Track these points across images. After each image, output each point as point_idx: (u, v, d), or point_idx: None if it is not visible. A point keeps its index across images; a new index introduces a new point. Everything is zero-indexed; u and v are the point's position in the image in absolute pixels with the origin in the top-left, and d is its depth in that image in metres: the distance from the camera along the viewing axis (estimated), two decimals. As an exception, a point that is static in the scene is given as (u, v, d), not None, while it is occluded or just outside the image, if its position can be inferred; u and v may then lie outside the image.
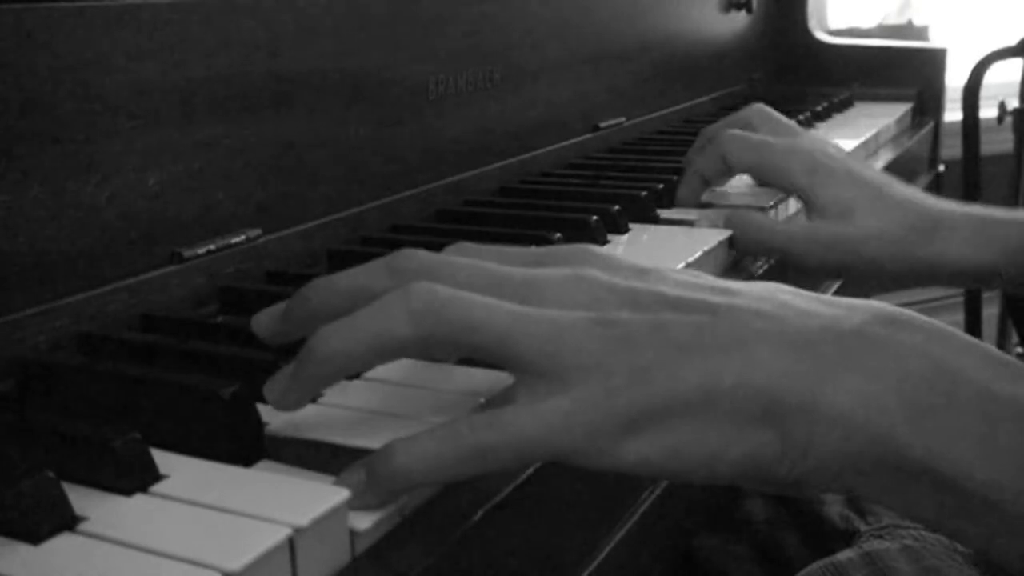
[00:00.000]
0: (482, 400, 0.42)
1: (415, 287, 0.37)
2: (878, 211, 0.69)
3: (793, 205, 0.80)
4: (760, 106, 0.82)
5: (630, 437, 0.35)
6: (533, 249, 0.43)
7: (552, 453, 0.36)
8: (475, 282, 0.38)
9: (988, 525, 0.35)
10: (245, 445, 0.39)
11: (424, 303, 0.36)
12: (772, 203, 0.77)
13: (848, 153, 0.96)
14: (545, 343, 0.36)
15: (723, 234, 0.69)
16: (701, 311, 0.37)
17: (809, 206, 0.71)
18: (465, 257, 0.41)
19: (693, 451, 0.35)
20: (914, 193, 0.72)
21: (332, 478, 0.36)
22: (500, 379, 0.43)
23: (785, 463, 0.36)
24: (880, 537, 0.66)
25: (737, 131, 0.76)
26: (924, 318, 0.38)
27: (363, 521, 0.35)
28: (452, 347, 0.37)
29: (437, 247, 0.64)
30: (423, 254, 0.40)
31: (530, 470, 0.41)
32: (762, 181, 0.76)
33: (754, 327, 0.37)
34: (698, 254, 0.64)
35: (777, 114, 0.82)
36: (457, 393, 0.43)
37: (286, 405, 0.39)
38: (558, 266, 0.40)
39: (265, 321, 0.41)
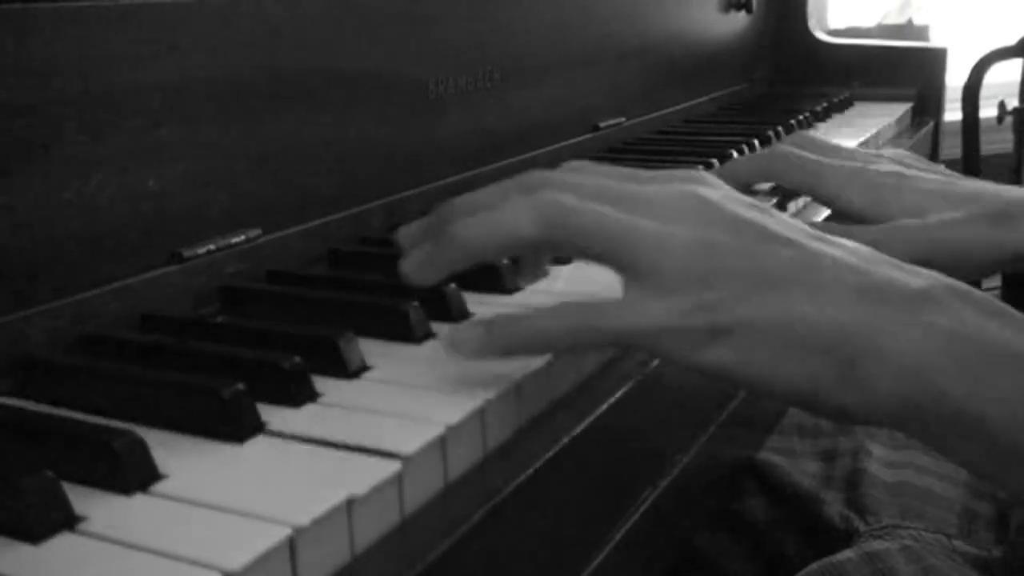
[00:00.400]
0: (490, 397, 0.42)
1: (542, 194, 0.43)
2: (952, 204, 0.66)
3: (803, 203, 0.79)
4: (804, 132, 0.78)
5: (711, 345, 0.41)
6: (651, 172, 0.48)
7: (644, 345, 0.42)
8: (596, 195, 0.44)
9: (1019, 474, 0.39)
10: (242, 426, 0.40)
11: (549, 208, 0.43)
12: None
13: (914, 158, 0.93)
14: (652, 252, 0.42)
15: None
16: (794, 248, 0.42)
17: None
18: (586, 175, 0.46)
19: (763, 367, 0.40)
20: (983, 183, 0.68)
21: (330, 478, 0.36)
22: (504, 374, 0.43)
23: (838, 393, 0.40)
24: (880, 537, 0.67)
25: (787, 148, 0.72)
26: (980, 292, 0.42)
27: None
28: (569, 248, 0.44)
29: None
30: (550, 172, 0.46)
31: (527, 473, 0.41)
32: (810, 198, 0.73)
33: (837, 272, 0.41)
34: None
35: (823, 139, 0.76)
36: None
37: (421, 279, 0.46)
38: (672, 183, 0.45)
39: (411, 231, 0.48)
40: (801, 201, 0.80)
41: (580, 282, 0.58)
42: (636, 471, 0.53)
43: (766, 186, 0.79)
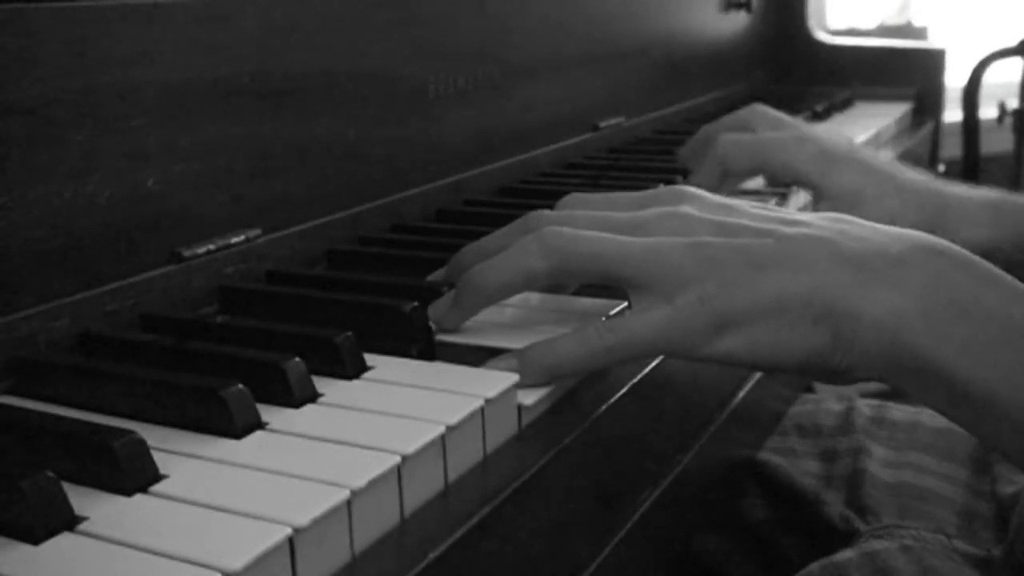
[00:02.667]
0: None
1: (546, 231, 0.47)
2: (889, 196, 0.70)
3: (804, 197, 0.80)
4: (758, 106, 0.82)
5: (719, 335, 0.44)
6: (636, 193, 0.53)
7: (659, 349, 0.46)
8: (592, 226, 0.48)
9: (993, 423, 0.43)
10: (242, 426, 0.40)
11: (554, 242, 0.47)
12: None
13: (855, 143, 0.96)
14: (649, 265, 0.45)
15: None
16: (775, 236, 0.46)
17: (818, 195, 0.71)
18: (580, 208, 0.52)
19: (767, 346, 0.44)
20: (924, 178, 0.72)
21: (330, 478, 0.36)
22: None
23: (836, 356, 0.44)
24: (880, 537, 0.66)
25: (733, 135, 0.75)
26: (959, 250, 0.46)
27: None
28: (575, 276, 0.49)
29: (437, 247, 0.65)
30: (548, 212, 0.52)
31: (527, 474, 0.41)
32: (770, 179, 0.76)
33: (816, 248, 0.45)
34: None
35: (776, 112, 0.81)
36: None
37: (447, 325, 0.50)
38: (658, 206, 0.50)
39: (437, 277, 0.54)
40: (802, 197, 0.80)
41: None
42: (636, 471, 0.53)
43: (758, 183, 0.79)
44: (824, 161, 0.71)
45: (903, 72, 1.44)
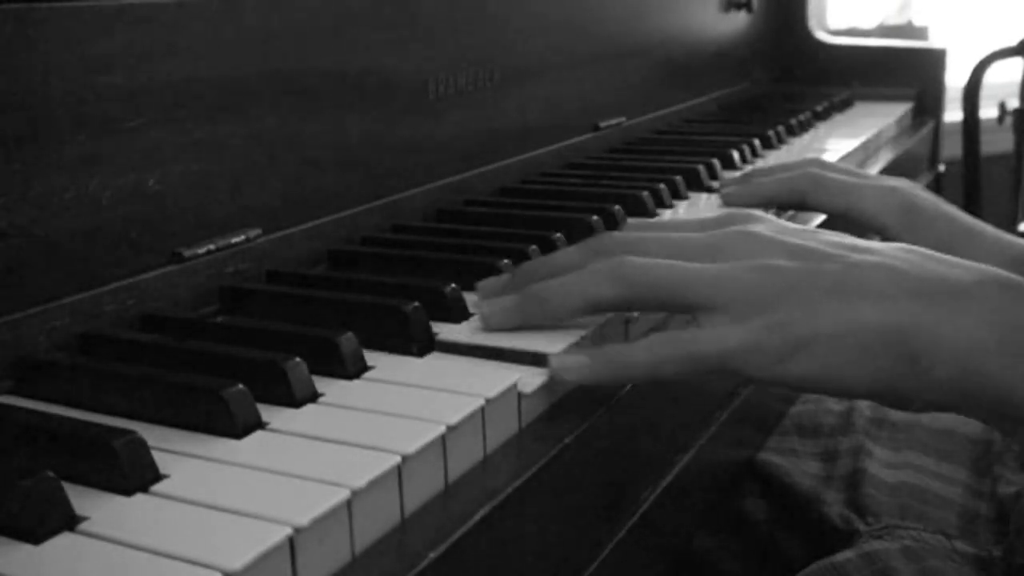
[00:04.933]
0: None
1: (616, 259, 0.48)
2: (976, 247, 0.68)
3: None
4: (815, 161, 0.77)
5: (789, 360, 0.45)
6: (705, 218, 0.54)
7: (727, 368, 0.45)
8: (662, 251, 0.49)
9: None
10: (242, 425, 0.40)
11: (623, 271, 0.47)
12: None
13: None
14: (720, 290, 0.46)
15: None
16: (847, 263, 0.46)
17: None
18: (650, 232, 0.52)
19: (839, 373, 0.44)
20: (1003, 232, 0.70)
21: (330, 478, 0.36)
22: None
23: (910, 385, 0.44)
24: (880, 538, 0.66)
25: (818, 171, 0.72)
26: None
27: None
28: (645, 304, 0.49)
29: (437, 247, 0.65)
30: (619, 234, 0.52)
31: (527, 474, 0.41)
32: (840, 219, 0.73)
33: (890, 277, 0.45)
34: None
35: (835, 166, 0.76)
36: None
37: (498, 325, 0.50)
38: (727, 226, 0.50)
39: (490, 286, 0.53)
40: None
41: None
42: (636, 471, 0.53)
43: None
44: (908, 215, 0.70)
45: (903, 72, 1.44)
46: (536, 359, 0.47)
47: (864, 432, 0.78)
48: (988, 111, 1.76)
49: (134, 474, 0.36)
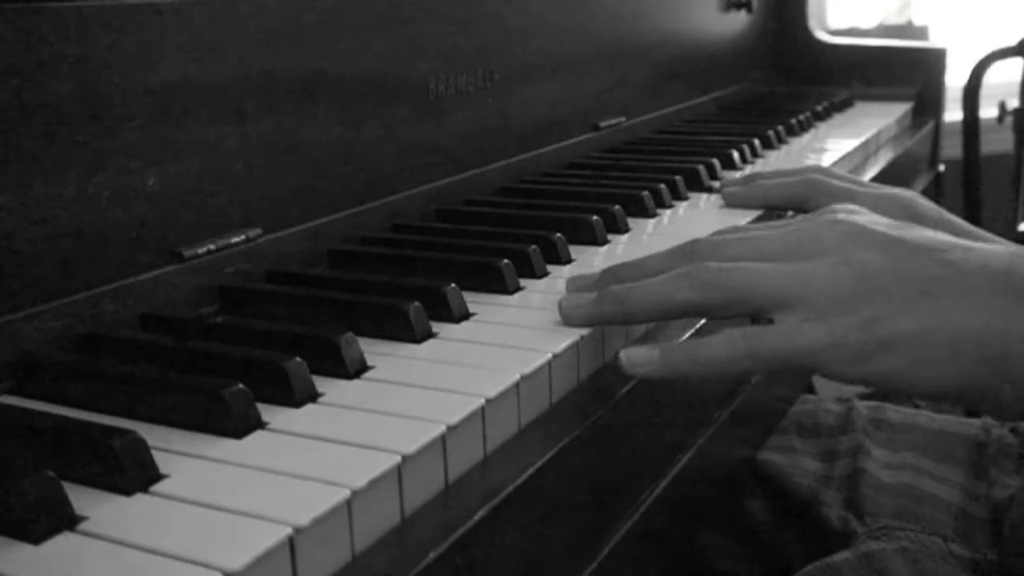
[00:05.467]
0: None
1: (697, 265, 0.47)
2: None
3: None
4: (817, 177, 0.77)
5: (873, 358, 0.43)
6: (794, 219, 0.52)
7: (804, 365, 0.44)
8: (748, 249, 0.48)
9: None
10: (242, 425, 0.40)
11: (700, 275, 0.47)
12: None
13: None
14: (799, 291, 0.45)
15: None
16: (939, 260, 0.45)
17: None
18: (737, 234, 0.51)
19: (926, 373, 0.43)
20: (1007, 242, 0.70)
21: (330, 477, 0.36)
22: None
23: (994, 388, 0.43)
24: (876, 538, 0.67)
25: (820, 177, 0.71)
26: None
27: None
28: (727, 310, 0.47)
29: (437, 247, 0.65)
30: (705, 240, 0.51)
31: (527, 474, 0.41)
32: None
33: (983, 276, 0.44)
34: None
35: (836, 173, 0.75)
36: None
37: (575, 320, 0.50)
38: (817, 218, 0.49)
39: (579, 281, 0.54)
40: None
41: None
42: (636, 471, 0.53)
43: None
44: (915, 220, 0.68)
45: (903, 72, 1.44)
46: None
47: (863, 432, 0.78)
48: (988, 111, 1.75)
49: (134, 474, 0.36)
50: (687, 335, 0.56)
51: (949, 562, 0.64)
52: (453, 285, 0.54)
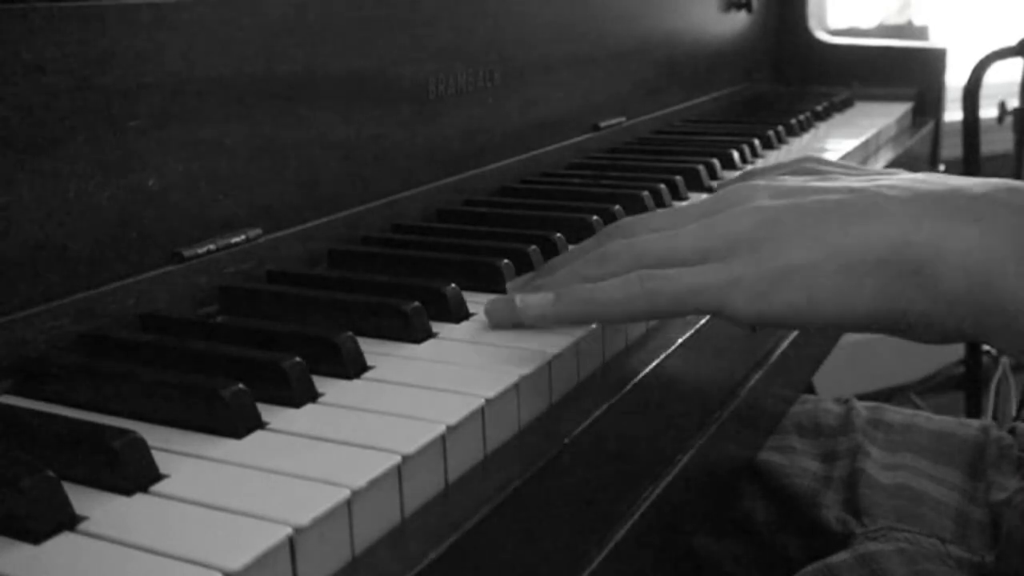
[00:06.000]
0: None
1: (605, 246, 0.47)
2: None
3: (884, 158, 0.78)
4: (812, 157, 0.77)
5: (777, 291, 0.42)
6: (710, 196, 0.51)
7: (710, 305, 0.43)
8: (662, 225, 0.48)
9: None
10: (242, 425, 0.40)
11: (607, 250, 0.46)
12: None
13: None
14: (702, 240, 0.44)
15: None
16: (839, 193, 0.44)
17: None
18: (650, 221, 0.50)
19: (833, 297, 0.41)
20: None
21: (330, 477, 0.36)
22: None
23: (916, 306, 0.41)
24: (875, 539, 0.67)
25: (812, 164, 0.71)
26: None
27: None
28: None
29: (437, 247, 0.65)
30: (624, 219, 0.51)
31: (527, 474, 0.41)
32: None
33: (888, 196, 0.43)
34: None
35: (831, 162, 0.77)
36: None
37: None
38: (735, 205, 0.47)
39: (520, 283, 0.54)
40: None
41: None
42: (636, 471, 0.53)
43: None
44: None
45: (903, 72, 1.44)
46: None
47: (862, 432, 0.78)
48: (988, 111, 1.75)
49: (134, 474, 0.36)
50: (687, 335, 0.56)
51: (947, 564, 0.64)
52: (453, 285, 0.54)
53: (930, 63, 1.44)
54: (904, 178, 0.45)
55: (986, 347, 1.74)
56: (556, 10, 0.93)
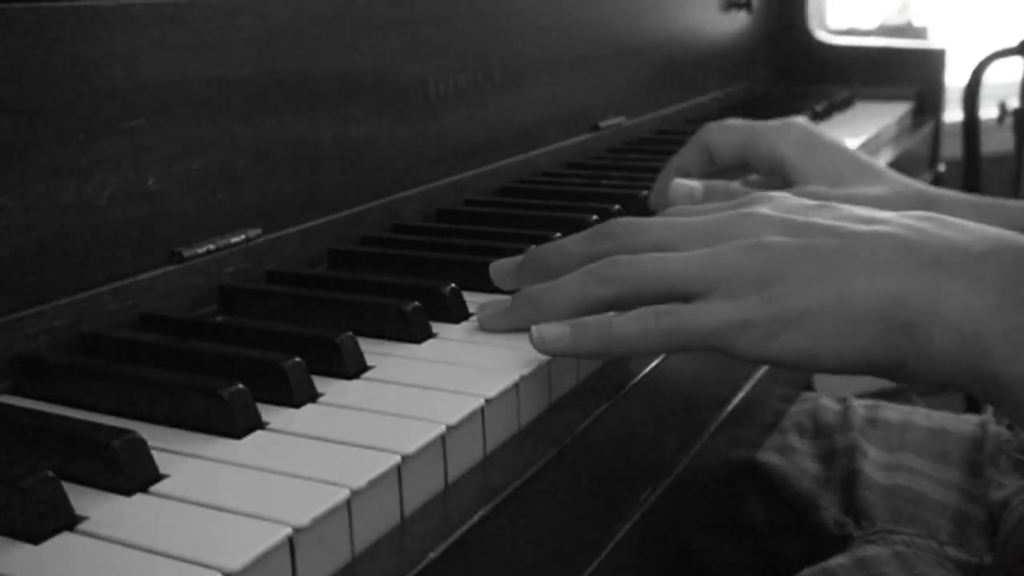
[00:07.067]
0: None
1: (607, 259, 0.47)
2: (873, 181, 0.67)
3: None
4: (796, 122, 0.78)
5: (779, 334, 0.43)
6: (721, 203, 0.52)
7: (714, 344, 0.44)
8: (664, 235, 0.48)
9: None
10: (242, 425, 0.40)
11: (613, 269, 0.46)
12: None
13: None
14: (710, 271, 0.45)
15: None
16: (846, 235, 0.44)
17: (799, 177, 0.69)
18: (663, 219, 0.50)
19: (832, 346, 0.43)
20: (905, 176, 0.70)
21: (330, 478, 0.36)
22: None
23: (902, 357, 0.42)
24: (872, 542, 0.67)
25: (716, 122, 0.74)
26: None
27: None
28: (642, 299, 0.46)
29: (437, 247, 0.65)
30: (625, 221, 0.50)
31: (527, 474, 0.41)
32: (757, 166, 0.73)
33: (889, 246, 0.43)
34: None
35: (815, 131, 0.76)
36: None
37: (493, 327, 0.50)
38: (728, 210, 0.49)
39: (503, 270, 0.54)
40: None
41: None
42: (636, 471, 0.53)
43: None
44: (806, 144, 0.69)
45: (903, 72, 1.44)
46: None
47: (859, 431, 0.78)
48: (988, 111, 1.75)
49: (134, 474, 0.36)
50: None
51: (945, 567, 0.64)
52: (453, 285, 0.54)
53: (930, 63, 1.44)
54: (909, 223, 0.45)
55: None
56: (556, 10, 0.93)
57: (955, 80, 1.55)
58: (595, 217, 0.69)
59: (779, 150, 0.70)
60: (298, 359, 0.44)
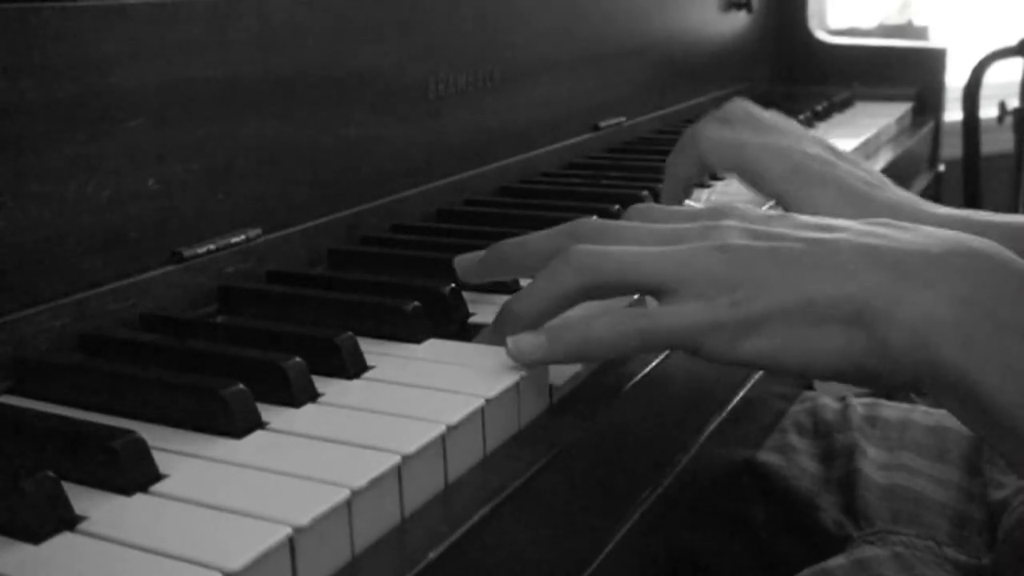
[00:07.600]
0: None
1: (574, 250, 0.46)
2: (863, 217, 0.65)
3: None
4: (740, 101, 0.78)
5: (747, 336, 0.43)
6: (688, 209, 0.52)
7: (687, 345, 0.45)
8: (631, 237, 0.48)
9: (1014, 443, 0.40)
10: (242, 425, 0.40)
11: (583, 261, 0.46)
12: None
13: (839, 151, 0.94)
14: (679, 270, 0.45)
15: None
16: (809, 241, 0.45)
17: (789, 209, 0.66)
18: (631, 220, 0.51)
19: (797, 350, 0.43)
20: (905, 197, 0.67)
21: (330, 477, 0.36)
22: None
23: (871, 361, 0.42)
24: (871, 543, 0.67)
25: (714, 131, 0.72)
26: (1009, 256, 0.43)
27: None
28: (609, 289, 0.47)
29: (437, 247, 0.65)
30: (592, 221, 0.51)
31: (527, 474, 0.41)
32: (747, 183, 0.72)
33: (852, 251, 0.44)
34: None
35: (758, 110, 0.76)
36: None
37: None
38: (701, 220, 0.49)
39: (466, 262, 0.54)
40: None
41: None
42: (636, 471, 0.53)
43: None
44: (795, 175, 0.67)
45: (903, 72, 1.44)
46: None
47: (858, 430, 0.78)
48: (988, 111, 1.76)
49: (134, 474, 0.36)
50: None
51: (944, 568, 0.64)
52: (453, 285, 0.54)
53: (930, 63, 1.44)
54: (872, 229, 0.45)
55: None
56: (556, 10, 0.93)
57: (955, 80, 1.55)
58: (595, 217, 0.69)
59: (764, 180, 0.68)
60: (298, 359, 0.44)
